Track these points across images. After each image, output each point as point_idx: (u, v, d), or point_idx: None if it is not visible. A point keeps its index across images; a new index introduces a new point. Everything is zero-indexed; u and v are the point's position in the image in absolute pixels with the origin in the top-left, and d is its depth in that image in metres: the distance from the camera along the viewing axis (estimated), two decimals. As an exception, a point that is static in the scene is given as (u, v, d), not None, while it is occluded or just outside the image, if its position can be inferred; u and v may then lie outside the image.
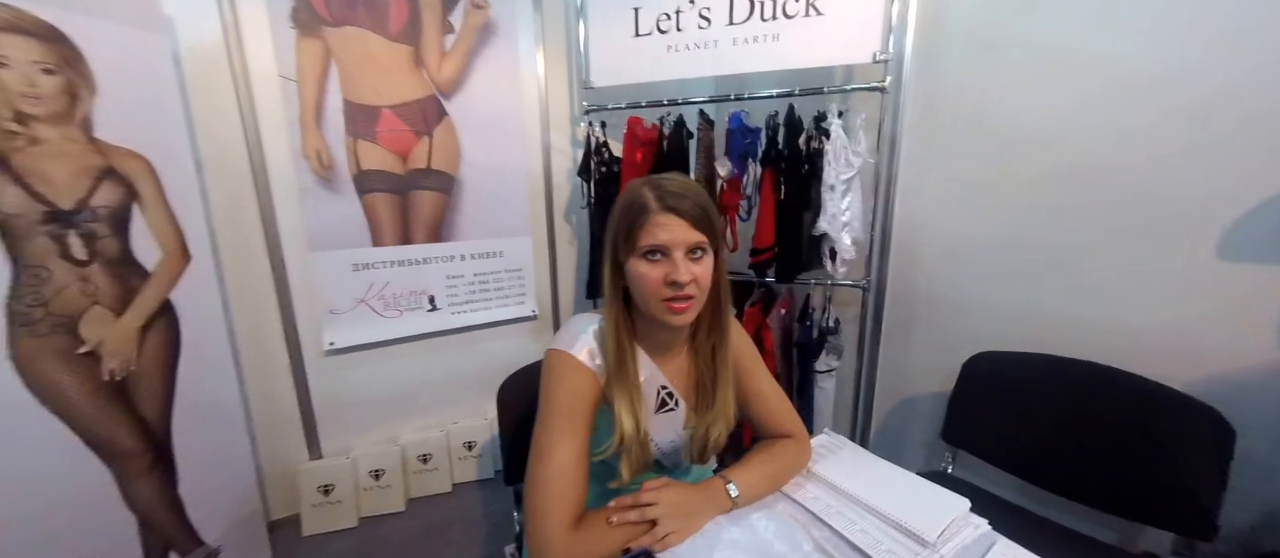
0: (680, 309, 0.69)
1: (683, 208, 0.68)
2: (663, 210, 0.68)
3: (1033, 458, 1.13)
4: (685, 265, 0.68)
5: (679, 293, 0.68)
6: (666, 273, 0.68)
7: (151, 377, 1.23)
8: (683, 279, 0.67)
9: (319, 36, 1.46)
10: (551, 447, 0.69)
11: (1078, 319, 1.21)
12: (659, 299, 0.69)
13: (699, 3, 1.50)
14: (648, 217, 0.68)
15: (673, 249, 0.68)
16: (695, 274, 0.69)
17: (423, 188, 1.68)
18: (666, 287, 0.68)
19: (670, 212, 0.68)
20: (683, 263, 0.68)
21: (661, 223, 0.68)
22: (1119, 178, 1.13)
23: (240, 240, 1.47)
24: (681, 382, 0.83)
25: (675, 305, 0.69)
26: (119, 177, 1.14)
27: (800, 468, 0.84)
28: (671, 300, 0.69)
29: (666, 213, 0.68)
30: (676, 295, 0.68)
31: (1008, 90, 1.28)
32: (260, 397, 1.55)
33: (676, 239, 0.68)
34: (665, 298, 0.69)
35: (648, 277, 0.69)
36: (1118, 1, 1.09)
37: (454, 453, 1.83)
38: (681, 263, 0.68)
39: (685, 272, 0.67)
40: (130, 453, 1.20)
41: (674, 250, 0.68)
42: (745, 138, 1.55)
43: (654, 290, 0.69)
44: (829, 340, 1.57)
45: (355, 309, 1.64)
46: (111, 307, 1.15)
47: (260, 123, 1.43)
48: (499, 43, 1.70)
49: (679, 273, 0.67)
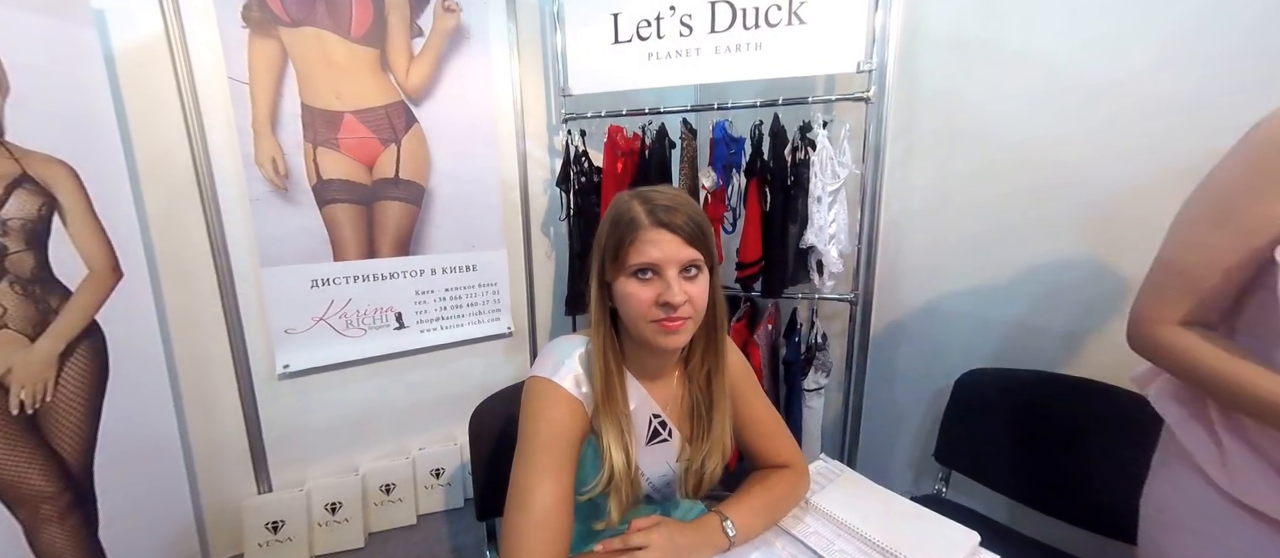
0: (672, 328, 0.63)
1: (676, 222, 0.61)
2: (654, 226, 0.61)
3: (1027, 480, 1.09)
4: (679, 285, 0.61)
5: (672, 314, 0.62)
6: (658, 293, 0.62)
7: (71, 408, 1.09)
8: (676, 300, 0.61)
9: (274, 36, 1.36)
10: (532, 488, 0.62)
11: (1069, 333, 1.19)
12: (649, 321, 0.63)
13: (680, 10, 1.47)
14: (637, 232, 0.62)
15: (665, 267, 0.62)
16: (690, 294, 0.62)
17: (390, 198, 1.58)
18: (658, 308, 0.62)
19: (662, 227, 0.61)
20: (676, 282, 0.61)
21: (653, 239, 0.61)
22: (1107, 189, 1.12)
23: (181, 255, 1.34)
24: (674, 410, 0.76)
25: (667, 325, 0.62)
26: (35, 185, 1.02)
27: (799, 500, 0.79)
28: (664, 321, 0.62)
29: (658, 228, 0.61)
30: (669, 316, 0.62)
31: (991, 100, 1.27)
32: (201, 427, 1.41)
33: (669, 256, 0.61)
34: (656, 319, 0.62)
35: (638, 297, 0.63)
36: (1103, 13, 1.09)
37: (420, 482, 1.70)
38: (675, 282, 0.61)
39: (679, 291, 0.61)
40: (42, 497, 1.06)
41: (666, 268, 0.62)
42: (729, 148, 1.51)
43: (644, 311, 0.63)
44: (817, 357, 1.52)
45: (313, 328, 1.52)
46: (23, 330, 1.02)
47: (206, 128, 1.32)
48: (471, 47, 1.63)
49: (672, 294, 0.61)
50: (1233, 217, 0.56)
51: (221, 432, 1.45)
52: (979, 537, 0.70)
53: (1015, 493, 1.12)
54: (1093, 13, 1.10)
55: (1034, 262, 1.24)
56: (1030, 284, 1.25)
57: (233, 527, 1.47)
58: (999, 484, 1.14)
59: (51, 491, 1.07)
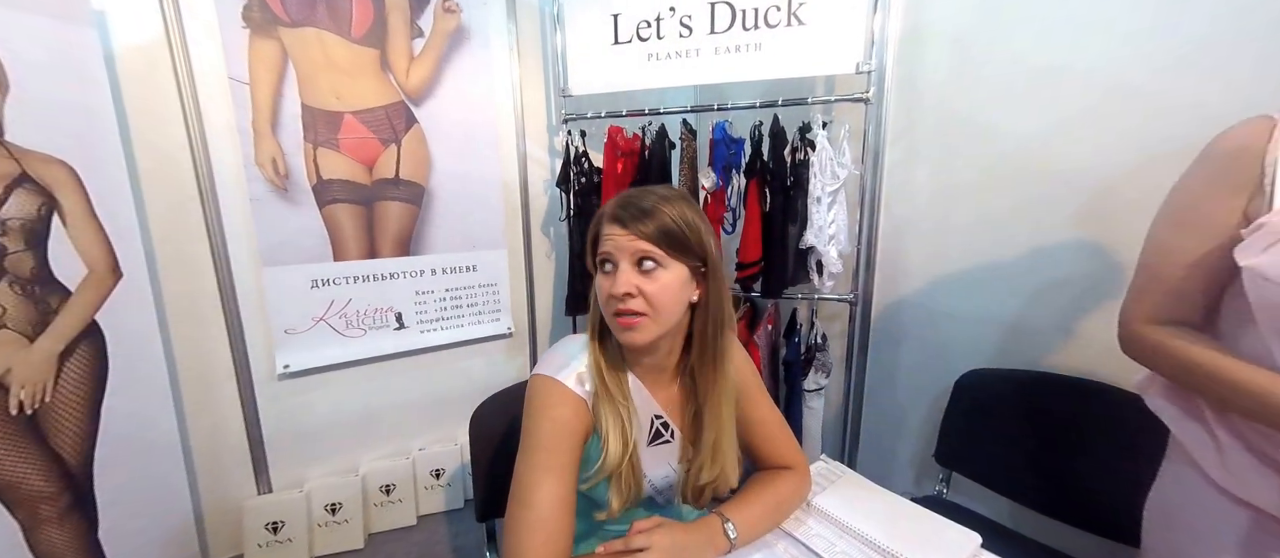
0: (625, 324, 0.63)
1: (629, 217, 0.63)
2: (611, 221, 0.64)
3: (1029, 481, 1.09)
4: (627, 276, 0.62)
5: (619, 306, 0.63)
6: (611, 284, 0.63)
7: (71, 408, 1.09)
8: (618, 290, 0.62)
9: (274, 37, 1.36)
10: (534, 486, 0.62)
11: (1069, 333, 1.19)
12: (611, 313, 0.65)
13: (680, 11, 1.47)
14: (600, 226, 0.65)
15: (618, 258, 0.63)
16: (638, 286, 0.62)
17: (390, 198, 1.58)
18: (611, 300, 0.64)
19: (616, 221, 0.64)
20: (625, 273, 0.62)
21: (607, 232, 0.64)
22: (1108, 189, 1.12)
23: (182, 255, 1.34)
24: (677, 412, 0.76)
25: (621, 321, 0.64)
26: (35, 185, 1.02)
27: (801, 501, 0.79)
28: (618, 315, 0.63)
29: (613, 223, 0.64)
30: (620, 310, 0.63)
31: (990, 100, 1.27)
32: (201, 427, 1.41)
33: (620, 247, 0.63)
34: (615, 312, 0.64)
35: (600, 288, 0.65)
36: (1100, 13, 1.09)
37: (420, 482, 1.70)
38: (624, 274, 0.62)
39: (624, 282, 0.62)
40: (41, 497, 1.06)
41: (619, 259, 0.63)
42: (729, 148, 1.51)
43: (604, 303, 0.65)
44: (817, 358, 1.52)
45: (313, 328, 1.52)
46: (22, 330, 1.02)
47: (206, 128, 1.32)
48: (472, 48, 1.63)
49: (615, 284, 0.62)
50: (1192, 220, 0.61)
51: (221, 432, 1.45)
52: (980, 538, 0.70)
53: (1016, 494, 1.11)
54: (1092, 13, 1.10)
55: (1034, 261, 1.24)
56: (1031, 284, 1.25)
57: (233, 527, 1.47)
58: (1000, 486, 1.14)
59: (51, 491, 1.07)
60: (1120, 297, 0.90)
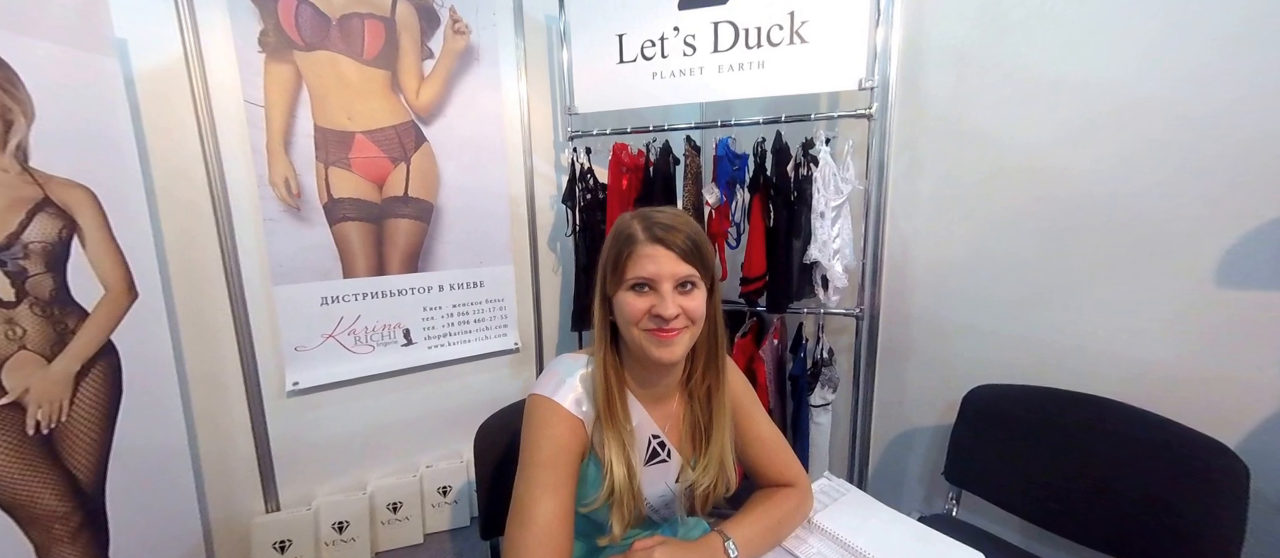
0: (666, 337, 0.65)
1: (671, 240, 0.64)
2: (650, 241, 0.65)
3: (1039, 499, 1.08)
4: (672, 298, 0.64)
5: (664, 326, 0.64)
6: (652, 305, 0.64)
7: (86, 427, 1.11)
8: (668, 313, 0.64)
9: (289, 61, 1.40)
10: (534, 504, 0.63)
11: (1076, 348, 1.18)
12: (643, 328, 0.65)
13: (684, 30, 1.49)
14: (635, 247, 0.65)
15: (660, 282, 0.64)
16: (684, 307, 0.65)
17: (399, 216, 1.61)
18: (651, 318, 0.65)
19: (657, 242, 0.64)
20: (670, 296, 0.64)
21: (649, 254, 0.64)
22: (1110, 203, 1.12)
23: (195, 274, 1.36)
24: (674, 430, 0.77)
25: (660, 334, 0.65)
26: (57, 209, 1.04)
27: (802, 519, 0.79)
28: (656, 330, 0.65)
29: (654, 244, 0.65)
30: (661, 327, 0.64)
31: (993, 115, 1.28)
32: (211, 444, 1.42)
33: (664, 271, 0.64)
34: (649, 328, 0.65)
35: (633, 306, 0.65)
36: (1100, 28, 1.10)
37: (427, 499, 1.70)
38: (669, 296, 0.64)
39: (671, 305, 0.64)
40: (55, 516, 1.07)
41: (661, 283, 0.64)
42: (732, 164, 1.52)
43: (637, 319, 0.65)
44: (823, 372, 1.52)
45: (322, 345, 1.53)
46: (41, 351, 1.04)
47: (222, 150, 1.35)
48: (480, 68, 1.66)
49: (665, 306, 0.64)
50: None
51: (231, 449, 1.46)
52: (982, 557, 0.69)
53: (1027, 513, 1.10)
54: (1089, 27, 1.11)
55: (1040, 274, 1.24)
56: (1037, 297, 1.24)
57: (241, 545, 1.48)
58: (1010, 504, 1.12)
59: (64, 510, 1.08)
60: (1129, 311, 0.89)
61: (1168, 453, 0.95)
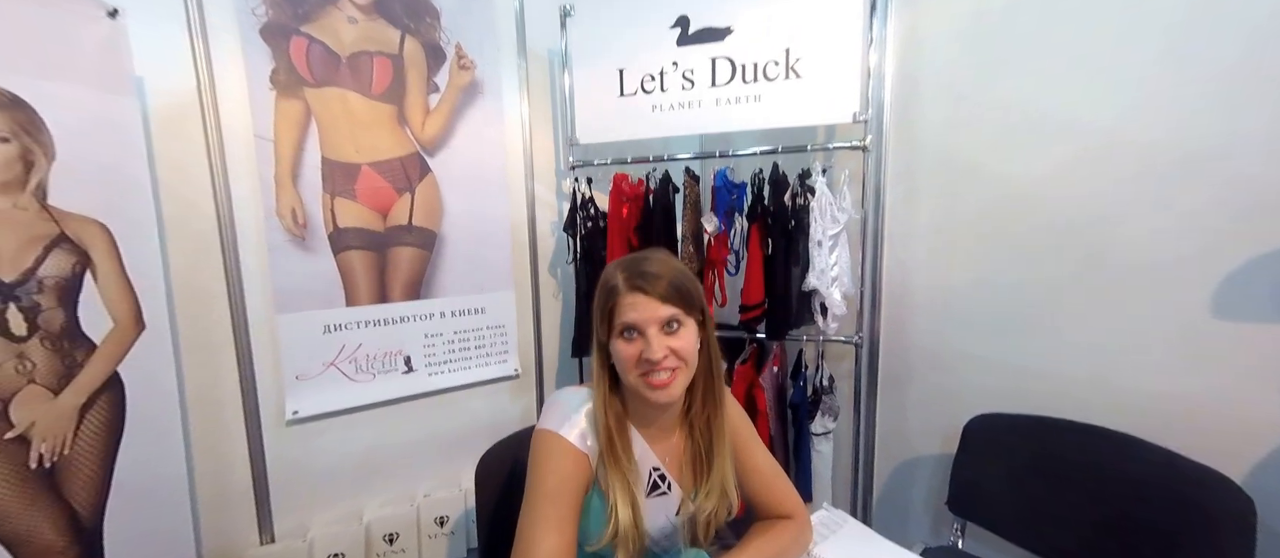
0: (658, 385, 0.68)
1: (650, 287, 0.68)
2: (630, 290, 0.68)
3: (1044, 532, 1.07)
4: (659, 341, 0.67)
5: (654, 368, 0.67)
6: (641, 349, 0.67)
7: (87, 460, 1.11)
8: (655, 356, 0.67)
9: (299, 97, 1.44)
10: (538, 540, 0.65)
11: (1074, 378, 1.18)
12: (638, 375, 0.69)
13: (682, 65, 1.54)
14: (618, 298, 0.69)
15: (645, 326, 0.68)
16: (672, 347, 0.68)
17: (403, 244, 1.63)
18: (642, 363, 0.68)
19: (636, 290, 0.68)
20: (656, 338, 0.67)
21: (630, 302, 0.68)
22: (1108, 233, 1.13)
23: (199, 303, 1.38)
24: (674, 462, 0.78)
25: (652, 380, 0.68)
26: (72, 244, 1.07)
27: (802, 551, 0.80)
28: (648, 376, 0.68)
29: (633, 292, 0.68)
30: (653, 369, 0.67)
31: (988, 146, 1.30)
32: (208, 475, 1.41)
33: (646, 316, 0.68)
34: (643, 373, 0.68)
35: (625, 355, 0.69)
36: (1091, 62, 1.13)
37: (424, 530, 1.68)
38: (655, 339, 0.67)
39: (658, 348, 0.67)
40: (53, 550, 1.07)
41: (646, 327, 0.68)
42: (731, 193, 1.55)
43: (631, 367, 0.69)
44: (824, 400, 1.52)
45: (323, 374, 1.54)
46: (48, 384, 1.05)
47: (231, 182, 1.38)
48: (484, 100, 1.71)
49: (651, 349, 0.67)
50: None
51: (228, 479, 1.45)
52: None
53: (1032, 545, 1.09)
54: (1076, 60, 1.14)
55: (1042, 304, 1.24)
56: (1035, 325, 1.25)
57: (236, 578, 1.46)
58: (1014, 535, 1.11)
59: (61, 544, 1.08)
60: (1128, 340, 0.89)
61: (1171, 486, 0.94)
